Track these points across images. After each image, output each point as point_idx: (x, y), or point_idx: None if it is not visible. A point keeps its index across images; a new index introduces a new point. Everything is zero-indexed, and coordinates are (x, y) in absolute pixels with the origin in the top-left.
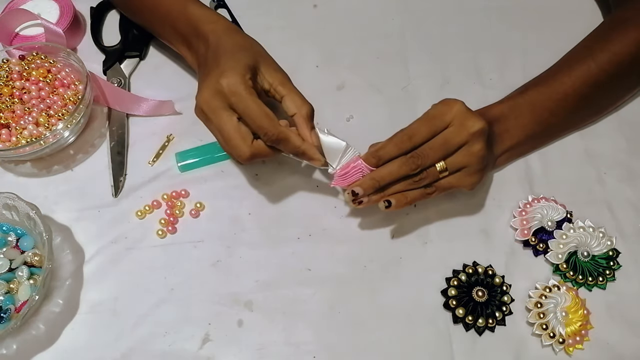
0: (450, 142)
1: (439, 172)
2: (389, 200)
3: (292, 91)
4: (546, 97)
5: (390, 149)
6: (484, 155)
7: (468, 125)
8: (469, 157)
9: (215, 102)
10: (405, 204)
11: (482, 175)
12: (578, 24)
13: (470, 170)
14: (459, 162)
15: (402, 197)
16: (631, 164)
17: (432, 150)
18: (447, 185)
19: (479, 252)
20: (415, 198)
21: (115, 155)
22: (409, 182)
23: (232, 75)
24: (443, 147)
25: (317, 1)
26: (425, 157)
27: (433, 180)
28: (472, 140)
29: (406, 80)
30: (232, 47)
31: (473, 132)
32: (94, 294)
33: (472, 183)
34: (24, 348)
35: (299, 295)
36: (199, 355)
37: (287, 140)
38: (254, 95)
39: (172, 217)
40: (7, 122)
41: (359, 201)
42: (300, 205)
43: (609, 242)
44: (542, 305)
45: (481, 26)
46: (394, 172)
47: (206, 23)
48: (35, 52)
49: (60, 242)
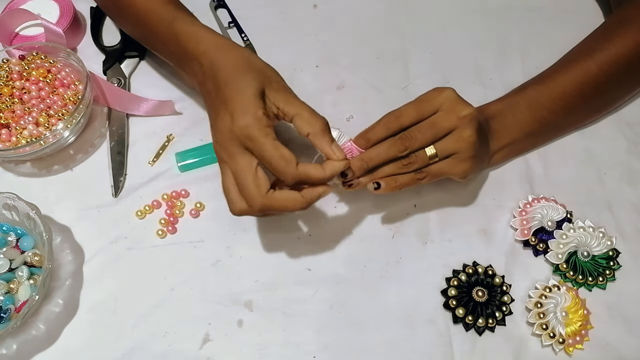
0: (439, 125)
1: (429, 158)
2: (378, 183)
3: (301, 108)
4: (544, 95)
5: (379, 130)
6: (475, 142)
7: (457, 110)
8: (459, 142)
9: (232, 147)
10: (395, 187)
11: (473, 163)
12: (578, 24)
13: (461, 157)
14: (449, 147)
15: (391, 180)
16: (631, 164)
17: (420, 132)
18: (438, 171)
19: (479, 252)
20: (405, 182)
21: (115, 155)
22: (398, 166)
23: (244, 117)
24: (431, 130)
25: (317, 1)
26: (414, 139)
27: (423, 164)
28: (462, 126)
29: (406, 80)
30: (232, 72)
31: (462, 116)
32: (94, 294)
33: (463, 170)
34: (24, 348)
35: (299, 295)
36: (199, 355)
37: (308, 176)
38: (269, 137)
39: (172, 217)
40: (7, 122)
41: (349, 184)
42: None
43: (609, 242)
44: (542, 305)
45: (481, 26)
46: (382, 153)
47: (195, 43)
48: (35, 52)
49: (60, 242)
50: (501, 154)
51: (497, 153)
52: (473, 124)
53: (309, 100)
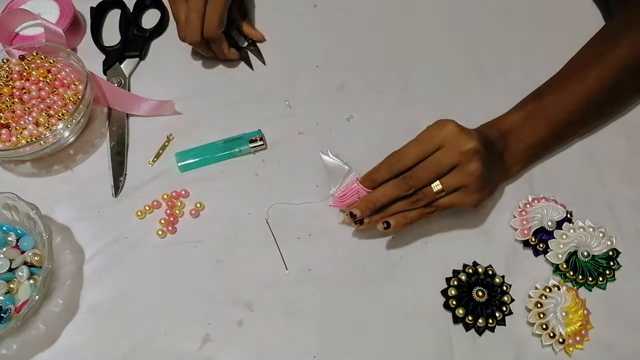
0: (441, 162)
1: (436, 193)
2: (387, 222)
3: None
4: (560, 109)
5: (382, 171)
6: (481, 174)
7: (459, 145)
8: (465, 177)
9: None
10: (405, 224)
11: (483, 193)
12: (578, 25)
13: (469, 190)
14: (455, 182)
15: (401, 217)
16: (631, 164)
17: (423, 171)
18: (447, 204)
19: (479, 252)
20: (415, 218)
21: (115, 155)
22: (407, 204)
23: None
24: (434, 168)
25: (317, 1)
26: (417, 178)
27: (431, 200)
28: (465, 161)
29: (406, 80)
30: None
31: (464, 151)
32: (94, 294)
33: (473, 200)
34: (24, 348)
35: (299, 295)
36: (199, 355)
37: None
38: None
39: (172, 217)
40: (7, 122)
41: (360, 222)
42: (301, 205)
43: (609, 242)
44: (542, 305)
45: (481, 26)
46: (388, 193)
47: None
48: (35, 52)
49: (60, 242)
50: (518, 166)
51: (514, 166)
52: (476, 157)
53: (309, 100)
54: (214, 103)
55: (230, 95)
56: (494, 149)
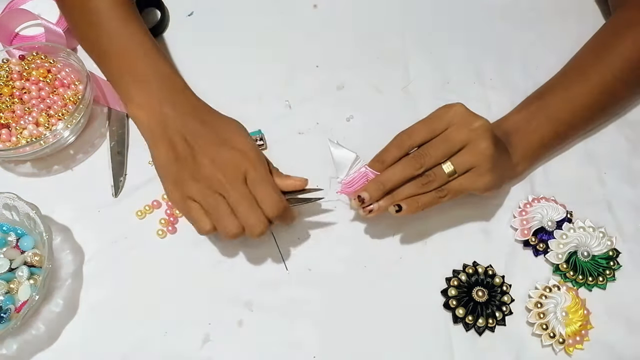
0: (452, 139)
1: (448, 175)
2: (399, 205)
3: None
4: (565, 110)
5: (392, 150)
6: (492, 153)
7: (468, 123)
8: (476, 155)
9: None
10: (417, 208)
11: (493, 176)
12: (578, 24)
13: (480, 170)
14: (466, 160)
15: (413, 201)
16: (631, 164)
17: (434, 148)
18: (459, 187)
19: (479, 252)
20: (427, 202)
21: (115, 155)
22: (418, 186)
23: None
24: (445, 144)
25: (317, 1)
26: (428, 155)
27: (442, 182)
28: (476, 138)
29: (406, 80)
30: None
31: (474, 128)
32: (94, 294)
33: (484, 184)
34: (24, 348)
35: (299, 295)
36: (199, 355)
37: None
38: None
39: (172, 217)
40: (7, 122)
41: (369, 209)
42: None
43: (609, 242)
44: (542, 305)
45: (481, 26)
46: (398, 172)
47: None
48: (35, 52)
49: (60, 242)
50: (523, 166)
51: (519, 165)
52: (487, 135)
53: (309, 100)
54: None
55: (230, 95)
56: (498, 141)
